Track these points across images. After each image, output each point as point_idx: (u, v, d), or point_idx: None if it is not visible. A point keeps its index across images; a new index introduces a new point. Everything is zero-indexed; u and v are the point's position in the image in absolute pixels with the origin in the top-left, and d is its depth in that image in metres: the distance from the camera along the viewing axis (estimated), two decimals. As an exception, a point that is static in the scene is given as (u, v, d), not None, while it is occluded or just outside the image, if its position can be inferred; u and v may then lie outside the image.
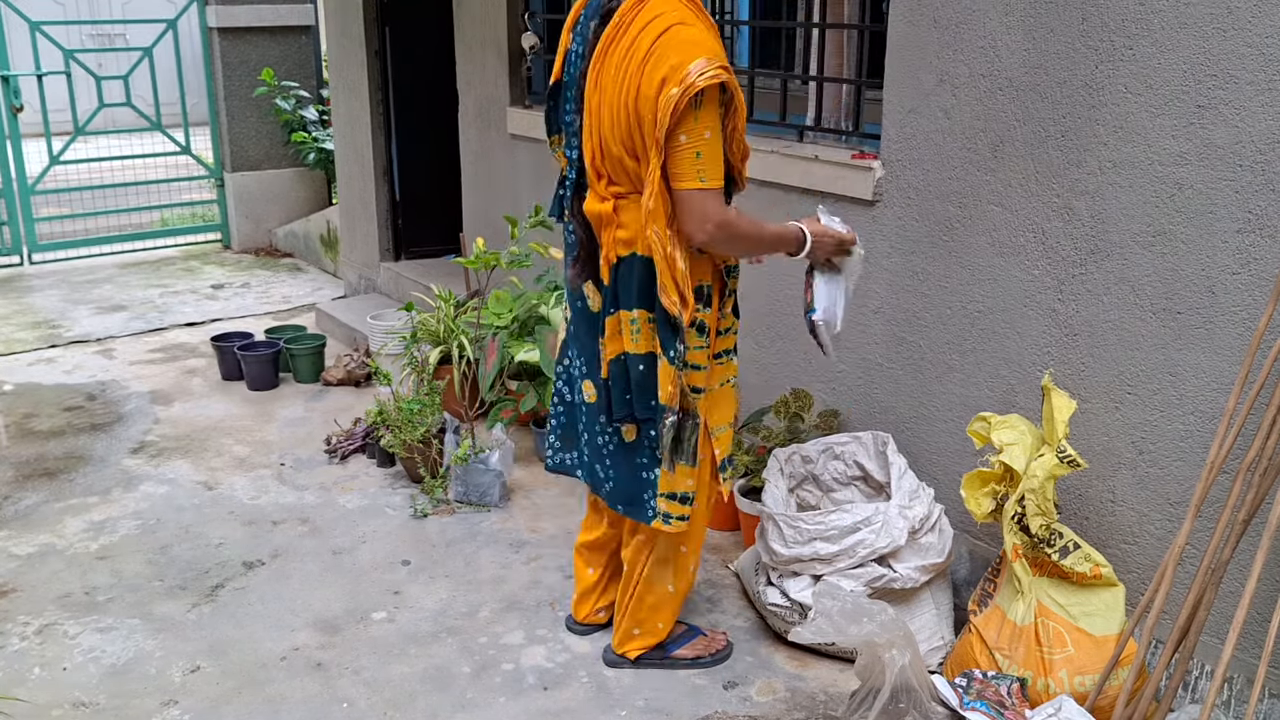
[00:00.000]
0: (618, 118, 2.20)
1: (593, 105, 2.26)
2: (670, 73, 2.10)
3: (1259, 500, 2.07)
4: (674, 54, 2.11)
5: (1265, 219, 2.20)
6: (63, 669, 2.70)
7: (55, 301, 6.00)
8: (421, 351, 3.83)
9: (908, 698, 2.20)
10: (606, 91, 2.22)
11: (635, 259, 2.29)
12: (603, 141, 2.26)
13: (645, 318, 2.31)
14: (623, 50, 2.19)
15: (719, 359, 2.45)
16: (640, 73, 2.14)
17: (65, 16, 11.14)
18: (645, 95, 2.14)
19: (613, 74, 2.20)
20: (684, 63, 2.09)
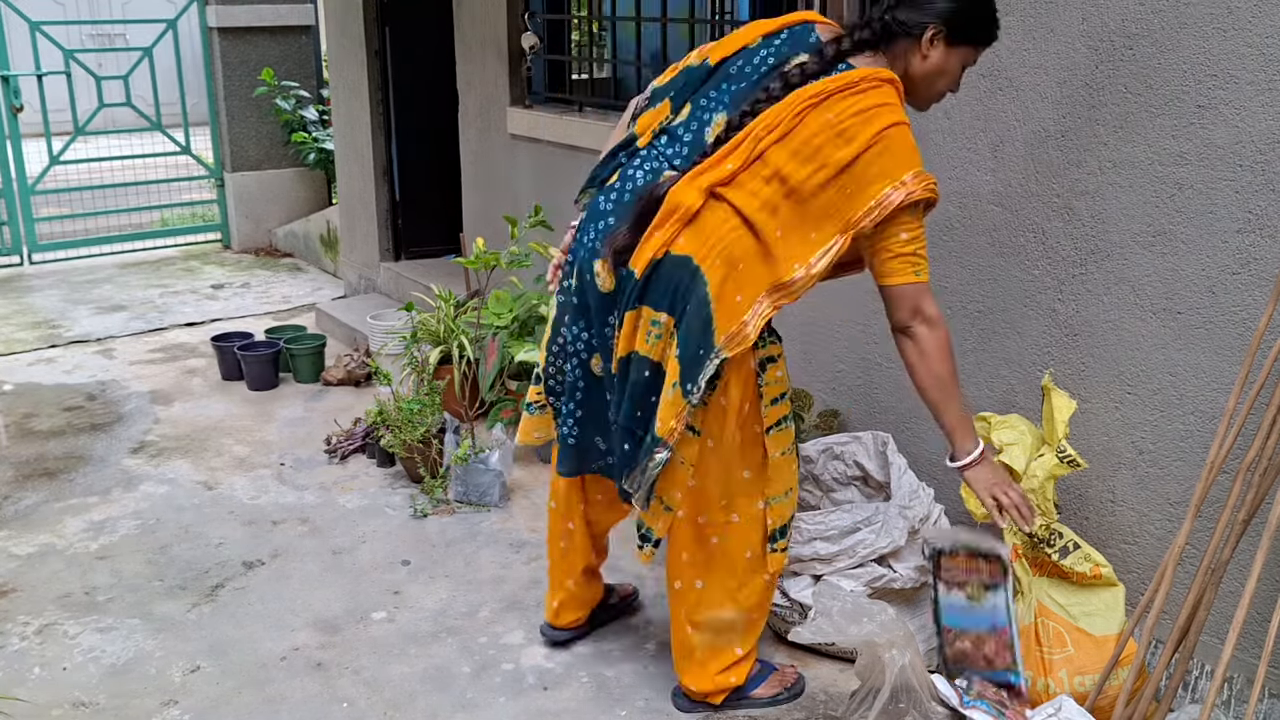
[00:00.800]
0: (810, 165, 2.10)
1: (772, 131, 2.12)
2: (892, 171, 2.09)
3: (1259, 500, 2.07)
4: (898, 151, 2.10)
5: (1265, 219, 2.20)
6: (63, 669, 2.70)
7: (55, 301, 6.00)
8: (421, 351, 3.83)
9: (908, 698, 2.20)
10: (805, 134, 2.11)
11: (690, 265, 2.13)
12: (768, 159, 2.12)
13: (670, 325, 2.16)
14: (847, 109, 2.10)
15: (774, 429, 2.31)
16: (862, 149, 2.08)
17: (65, 16, 11.14)
18: (856, 170, 2.09)
19: (829, 125, 2.09)
20: (905, 166, 2.10)
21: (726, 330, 2.11)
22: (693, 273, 2.12)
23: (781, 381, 2.30)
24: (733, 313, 2.12)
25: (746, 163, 2.13)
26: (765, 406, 2.28)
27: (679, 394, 2.13)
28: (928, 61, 2.19)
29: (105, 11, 11.95)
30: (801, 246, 2.13)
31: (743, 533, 2.35)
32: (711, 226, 2.14)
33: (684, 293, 2.13)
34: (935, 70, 2.21)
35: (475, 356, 3.68)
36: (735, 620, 2.43)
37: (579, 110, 4.28)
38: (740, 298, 2.12)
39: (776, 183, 2.12)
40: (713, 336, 2.11)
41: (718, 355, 2.11)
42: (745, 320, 2.12)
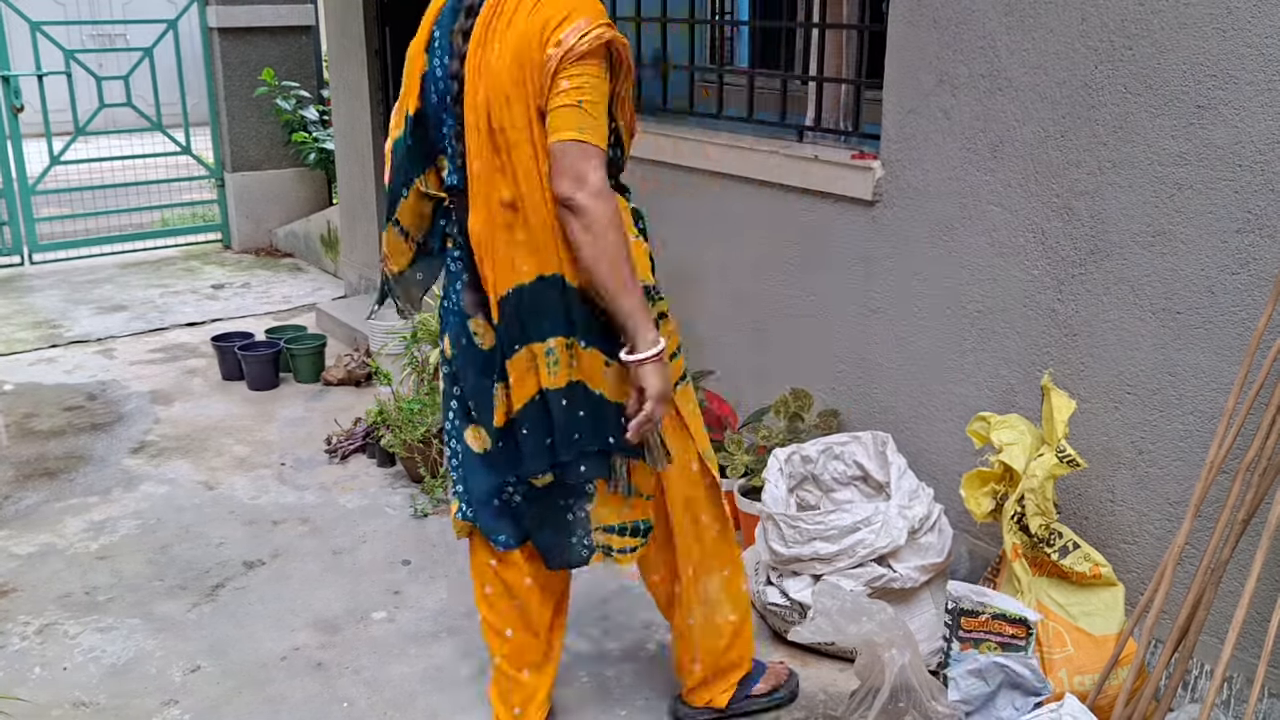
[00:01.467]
0: (510, 91, 1.95)
1: (479, 98, 1.99)
2: (551, 32, 1.90)
3: (1258, 500, 2.07)
4: (551, 8, 1.92)
5: (1265, 219, 2.21)
6: (63, 669, 2.70)
7: (56, 301, 6.01)
8: (422, 351, 3.83)
9: (907, 697, 2.20)
10: (495, 72, 1.97)
11: (544, 283, 2.02)
12: (495, 125, 1.98)
13: (563, 344, 2.04)
14: (505, 23, 1.97)
15: (679, 384, 2.21)
16: (526, 37, 1.93)
17: (66, 17, 11.14)
18: (533, 59, 1.92)
19: (497, 49, 1.97)
20: (562, 21, 1.90)
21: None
22: (546, 284, 2.02)
23: (673, 336, 2.17)
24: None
25: (489, 145, 2.00)
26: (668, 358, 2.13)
27: (617, 366, 2.06)
28: None
29: (106, 12, 11.96)
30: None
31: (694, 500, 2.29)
32: (513, 239, 2.02)
33: (558, 310, 2.03)
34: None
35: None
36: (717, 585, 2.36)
37: (579, 110, 4.27)
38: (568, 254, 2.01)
39: (517, 136, 1.97)
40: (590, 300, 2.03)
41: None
42: None
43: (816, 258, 3.21)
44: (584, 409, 2.10)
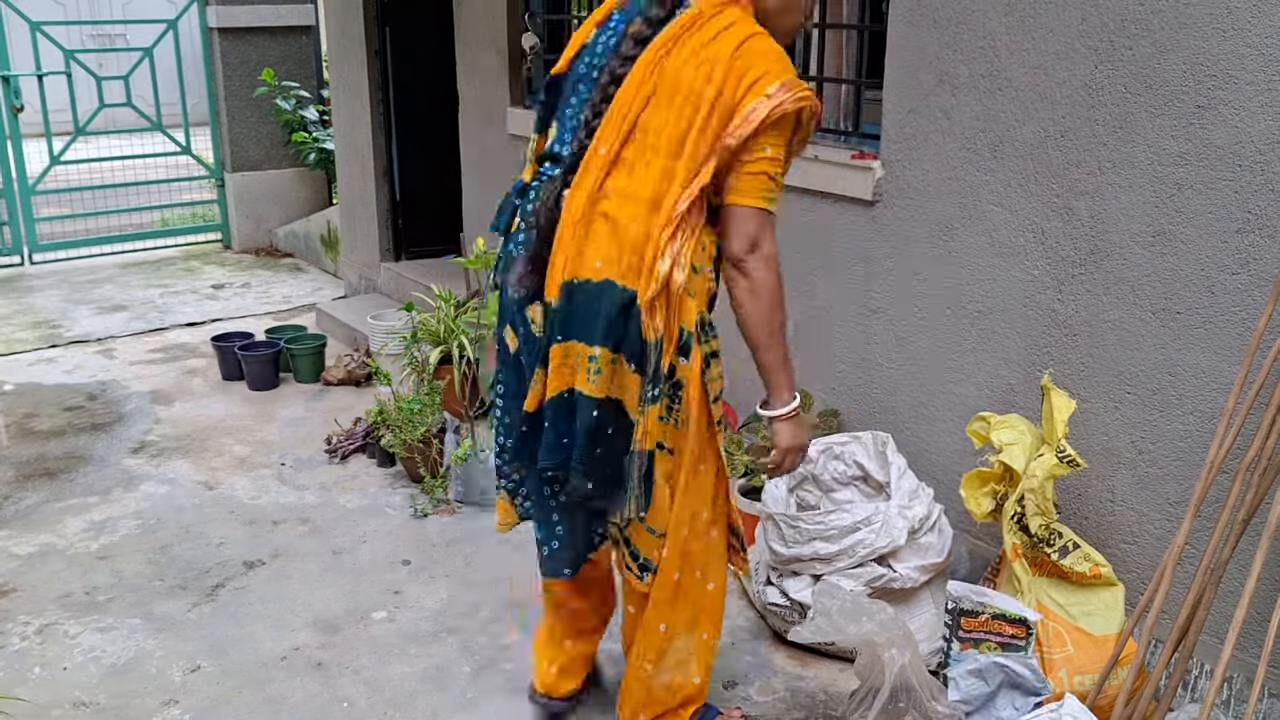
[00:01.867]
0: (684, 107, 1.96)
1: (638, 95, 2.00)
2: (760, 84, 1.94)
3: (1258, 500, 2.07)
4: (755, 58, 1.96)
5: (1265, 219, 2.21)
6: (63, 669, 2.70)
7: (56, 301, 6.00)
8: (422, 351, 3.83)
9: (907, 697, 2.20)
10: (670, 83, 1.98)
11: (613, 289, 1.98)
12: (642, 125, 1.99)
13: (609, 357, 2.00)
14: (701, 42, 1.98)
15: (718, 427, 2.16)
16: (728, 70, 1.95)
17: (66, 17, 11.15)
18: (729, 94, 1.95)
19: (689, 63, 1.97)
20: (763, 75, 1.94)
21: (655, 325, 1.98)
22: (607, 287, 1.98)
23: (718, 381, 2.12)
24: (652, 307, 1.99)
25: (622, 138, 2.00)
26: (712, 403, 2.12)
27: (649, 402, 2.02)
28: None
29: (106, 12, 11.96)
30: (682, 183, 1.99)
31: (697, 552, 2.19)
32: (609, 231, 2.00)
33: (608, 311, 1.98)
34: (783, 5, 2.10)
35: (475, 356, 3.68)
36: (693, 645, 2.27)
37: (579, 110, 4.28)
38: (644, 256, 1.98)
39: (659, 141, 1.99)
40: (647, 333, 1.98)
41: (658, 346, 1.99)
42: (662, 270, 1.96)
43: (816, 258, 3.20)
44: (614, 427, 2.04)
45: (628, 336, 1.99)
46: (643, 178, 2.00)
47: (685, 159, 1.98)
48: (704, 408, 2.10)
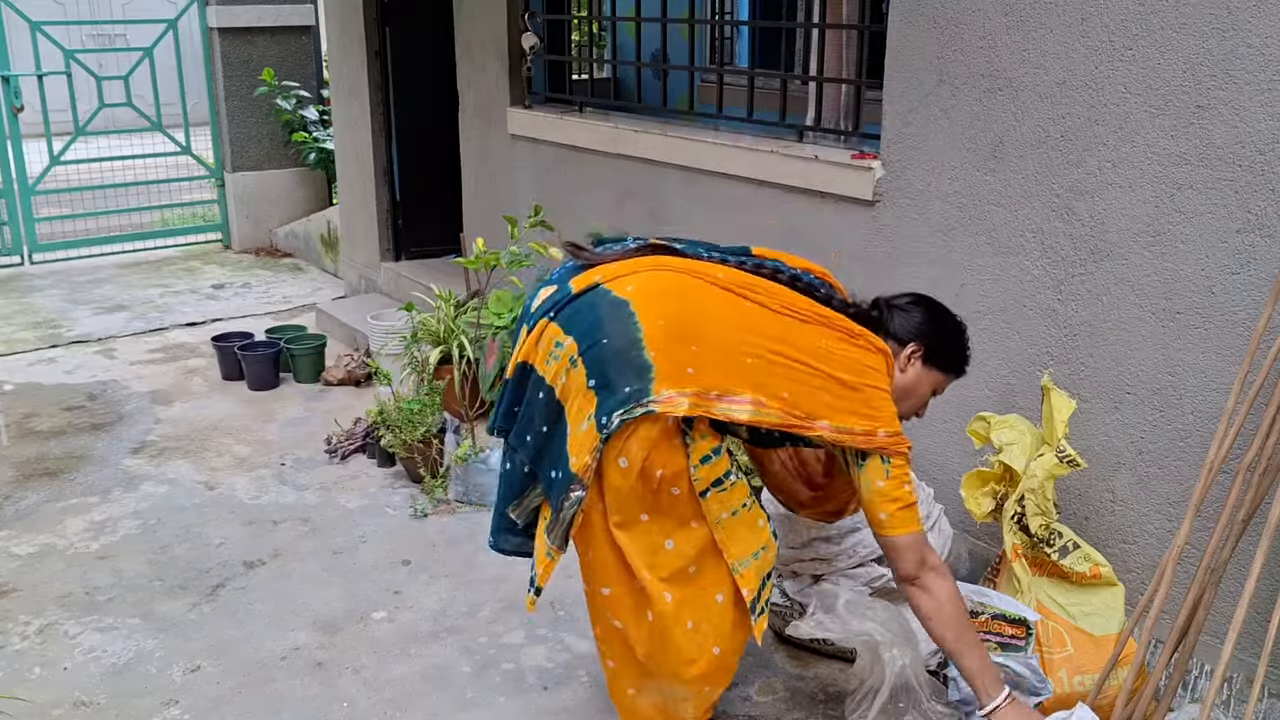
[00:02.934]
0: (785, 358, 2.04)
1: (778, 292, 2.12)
2: (879, 417, 2.08)
3: (1258, 500, 2.07)
4: (881, 413, 2.09)
5: (1265, 219, 2.21)
6: (63, 668, 2.70)
7: (56, 301, 6.01)
8: (421, 351, 3.83)
9: (907, 697, 2.20)
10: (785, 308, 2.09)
11: (626, 308, 2.03)
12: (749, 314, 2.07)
13: (572, 351, 2.03)
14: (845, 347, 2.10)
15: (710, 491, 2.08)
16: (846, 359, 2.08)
17: (66, 17, 11.14)
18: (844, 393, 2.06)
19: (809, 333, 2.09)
20: (882, 424, 2.08)
21: (668, 386, 1.97)
22: (623, 315, 2.02)
23: (708, 437, 2.06)
24: (678, 379, 1.98)
25: (736, 288, 2.09)
26: (695, 466, 2.05)
27: (594, 427, 1.99)
28: (904, 375, 2.23)
29: (106, 12, 11.96)
30: (756, 386, 2.02)
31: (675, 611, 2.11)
32: (670, 284, 2.08)
33: (605, 328, 2.02)
34: (909, 385, 2.24)
35: (475, 356, 3.68)
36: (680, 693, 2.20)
37: (579, 110, 4.28)
38: (692, 370, 1.99)
39: (764, 330, 2.06)
40: (650, 385, 1.97)
41: (650, 403, 1.96)
42: (687, 392, 1.98)
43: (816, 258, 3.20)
44: (547, 426, 2.09)
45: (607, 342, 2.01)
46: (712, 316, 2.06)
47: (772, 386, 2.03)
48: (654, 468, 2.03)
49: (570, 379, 2.04)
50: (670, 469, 2.04)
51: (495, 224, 4.48)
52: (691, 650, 2.14)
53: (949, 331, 2.28)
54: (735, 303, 2.07)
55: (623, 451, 2.01)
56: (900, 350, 2.23)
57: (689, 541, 2.10)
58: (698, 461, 2.05)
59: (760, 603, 2.15)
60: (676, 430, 2.03)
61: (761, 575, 2.14)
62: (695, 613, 2.13)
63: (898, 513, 2.11)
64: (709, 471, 2.07)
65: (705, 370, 2.00)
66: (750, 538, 2.13)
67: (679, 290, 2.08)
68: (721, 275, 2.12)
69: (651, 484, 2.04)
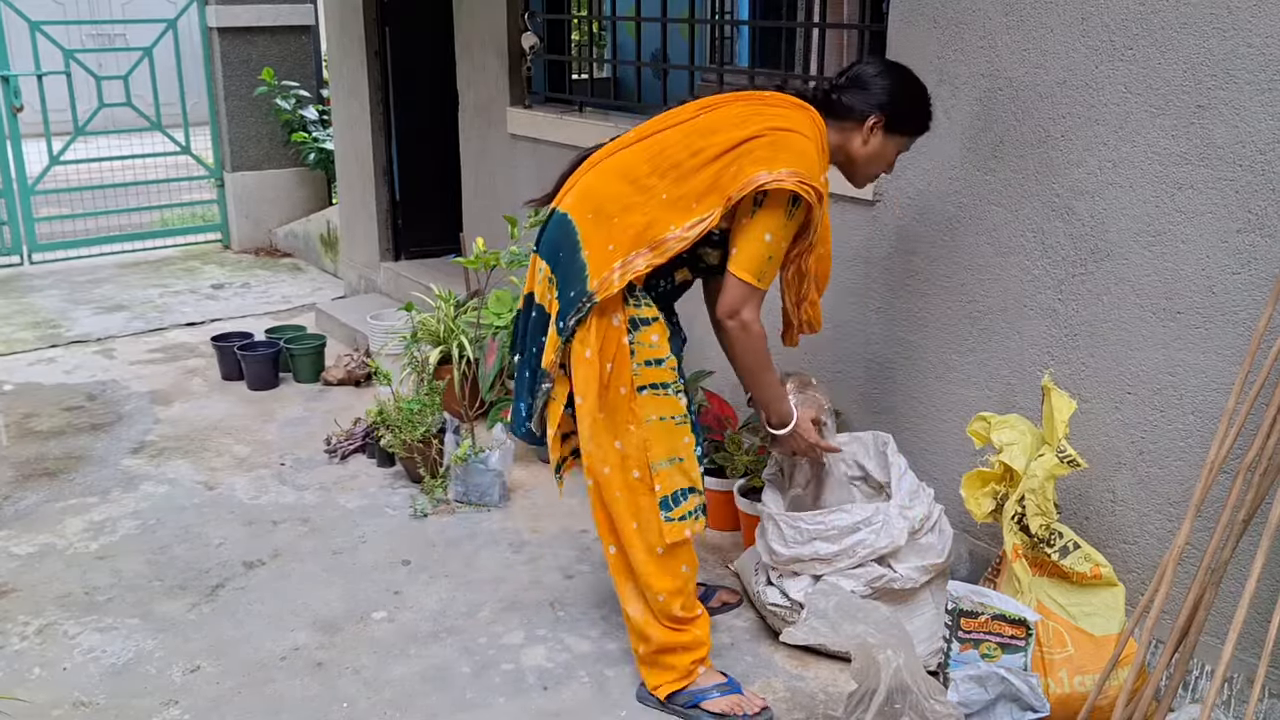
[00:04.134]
0: (709, 140, 2.29)
1: (685, 114, 2.38)
2: (764, 155, 2.24)
3: (1259, 500, 2.07)
4: (783, 146, 2.26)
5: (1265, 219, 2.20)
6: (63, 669, 2.70)
7: (55, 301, 6.00)
8: (421, 351, 3.83)
9: (904, 699, 2.20)
10: (716, 118, 2.34)
11: (567, 221, 2.35)
12: (673, 137, 2.33)
13: (548, 274, 2.39)
14: (752, 110, 2.33)
15: (646, 390, 2.35)
16: (757, 126, 2.27)
17: (65, 16, 11.14)
18: (747, 153, 2.26)
19: (727, 117, 2.34)
20: (780, 163, 2.23)
21: (599, 275, 2.28)
22: (566, 225, 2.35)
23: (658, 347, 2.35)
24: (604, 260, 2.28)
25: (649, 132, 2.37)
26: (637, 365, 2.34)
27: (555, 330, 2.35)
28: (868, 146, 2.41)
29: (105, 11, 11.96)
30: (682, 214, 2.27)
31: (629, 500, 2.39)
32: (591, 181, 2.37)
33: (560, 244, 2.36)
34: (874, 154, 2.43)
35: (475, 356, 3.68)
36: (657, 601, 2.44)
37: (579, 110, 4.28)
38: (612, 247, 2.28)
39: (669, 152, 2.31)
40: (586, 281, 2.29)
41: (589, 298, 2.28)
42: (614, 267, 2.27)
43: (816, 258, 3.20)
44: (537, 335, 2.45)
45: (562, 257, 2.35)
46: (649, 170, 2.32)
47: (691, 190, 2.29)
48: (605, 363, 2.33)
49: (552, 295, 2.38)
50: (617, 364, 2.33)
51: (495, 224, 4.48)
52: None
53: (908, 97, 2.43)
54: (638, 150, 2.35)
55: (585, 342, 2.33)
56: (858, 129, 2.40)
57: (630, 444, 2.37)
58: (641, 362, 2.34)
59: (675, 508, 2.37)
60: (624, 329, 2.32)
61: (678, 485, 2.37)
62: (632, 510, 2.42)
63: (740, 253, 2.28)
64: (651, 374, 2.35)
65: (622, 238, 2.28)
66: (668, 445, 2.37)
67: (599, 179, 2.36)
68: (633, 135, 2.40)
69: (603, 377, 2.33)
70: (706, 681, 2.49)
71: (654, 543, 2.39)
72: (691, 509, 2.40)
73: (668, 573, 2.42)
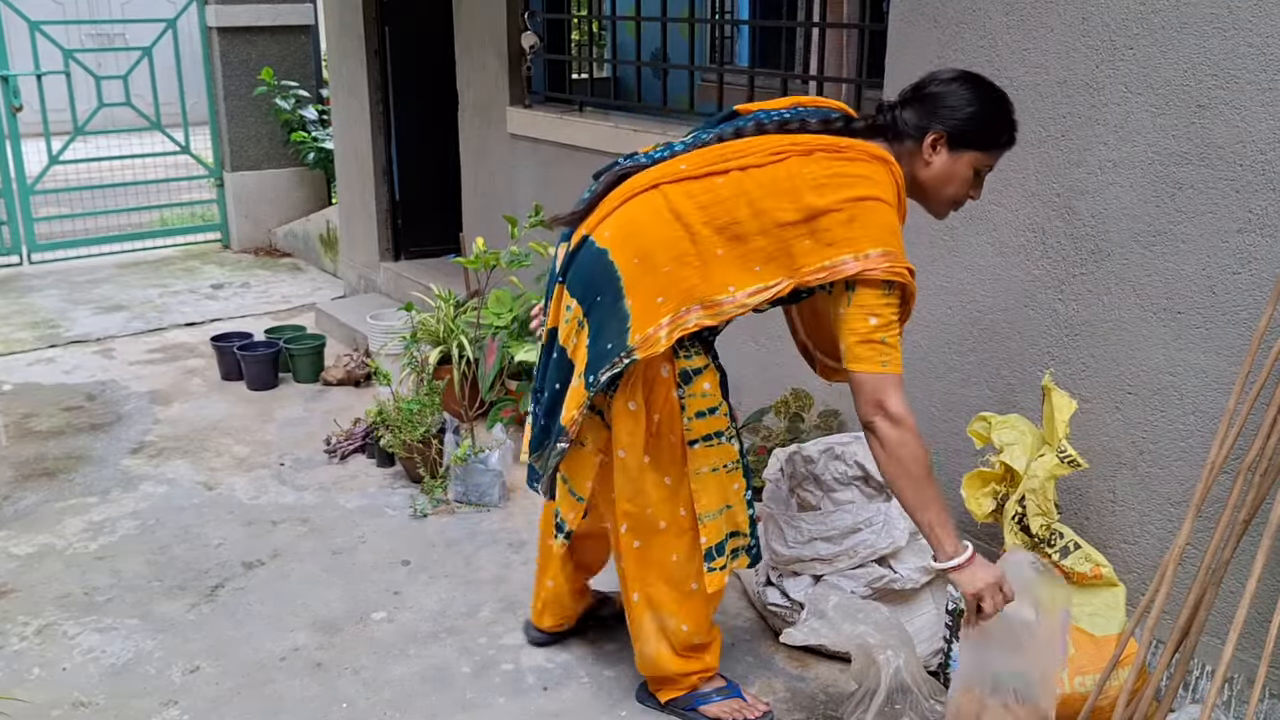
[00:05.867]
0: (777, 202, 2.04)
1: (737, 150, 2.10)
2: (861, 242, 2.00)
3: (1259, 500, 2.07)
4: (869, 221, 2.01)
5: (1265, 218, 2.20)
6: (62, 669, 2.70)
7: (55, 301, 6.00)
8: (421, 351, 3.83)
9: (904, 699, 2.20)
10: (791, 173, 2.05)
11: (605, 259, 2.09)
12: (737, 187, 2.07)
13: (580, 314, 2.14)
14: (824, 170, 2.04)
15: (699, 443, 2.21)
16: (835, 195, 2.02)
17: (64, 16, 11.13)
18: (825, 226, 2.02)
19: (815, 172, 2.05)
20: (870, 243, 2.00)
21: (643, 330, 2.05)
22: (606, 265, 2.09)
23: (710, 396, 2.18)
24: (651, 313, 2.06)
25: (702, 171, 2.08)
26: (689, 419, 2.17)
27: (583, 385, 2.11)
28: (930, 168, 2.11)
29: (104, 11, 11.95)
30: (741, 273, 2.06)
31: (666, 541, 2.28)
32: (635, 215, 2.10)
33: (598, 285, 2.10)
34: (942, 176, 2.12)
35: (475, 356, 3.68)
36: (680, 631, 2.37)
37: (579, 110, 4.28)
38: (661, 299, 2.06)
39: (727, 204, 2.06)
40: (627, 335, 2.06)
41: (629, 355, 2.06)
42: (661, 323, 2.06)
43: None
44: (560, 381, 2.22)
45: (600, 301, 2.11)
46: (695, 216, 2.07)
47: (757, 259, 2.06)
48: (654, 415, 2.17)
49: (579, 339, 2.15)
50: (665, 416, 2.17)
51: (495, 224, 4.48)
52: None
53: (979, 105, 2.10)
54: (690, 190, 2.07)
55: (628, 394, 2.15)
56: (919, 148, 2.10)
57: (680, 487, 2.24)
58: (693, 415, 2.18)
59: (719, 557, 2.27)
60: (672, 381, 2.15)
61: (725, 532, 2.26)
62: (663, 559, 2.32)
63: (855, 346, 2.03)
64: (704, 426, 2.19)
65: (673, 290, 2.07)
66: (720, 495, 2.24)
67: (646, 213, 2.10)
68: (685, 167, 2.11)
69: (651, 427, 2.18)
70: (707, 685, 2.48)
71: (688, 582, 2.32)
72: (734, 549, 2.31)
73: (695, 609, 2.36)
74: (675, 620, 2.36)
